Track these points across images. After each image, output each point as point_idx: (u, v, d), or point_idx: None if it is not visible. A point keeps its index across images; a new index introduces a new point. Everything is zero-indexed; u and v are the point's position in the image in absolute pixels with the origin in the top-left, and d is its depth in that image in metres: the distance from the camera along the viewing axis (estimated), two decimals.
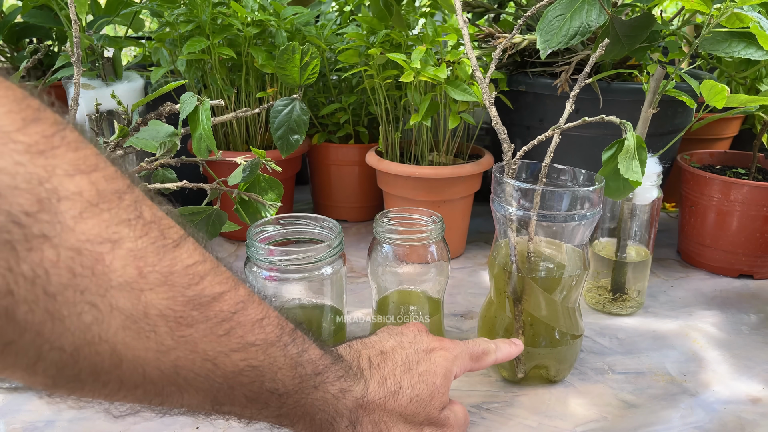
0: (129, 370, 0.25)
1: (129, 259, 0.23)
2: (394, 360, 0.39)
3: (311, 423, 0.34)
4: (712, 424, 0.48)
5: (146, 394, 0.27)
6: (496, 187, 0.50)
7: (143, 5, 0.79)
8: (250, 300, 0.29)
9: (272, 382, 0.31)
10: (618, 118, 0.47)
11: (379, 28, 0.73)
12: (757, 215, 0.69)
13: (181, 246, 0.26)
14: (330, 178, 0.89)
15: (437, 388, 0.39)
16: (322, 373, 0.34)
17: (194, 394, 0.28)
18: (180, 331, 0.26)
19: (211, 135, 0.51)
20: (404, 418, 0.37)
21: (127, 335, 0.24)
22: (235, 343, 0.28)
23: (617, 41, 0.56)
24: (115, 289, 0.23)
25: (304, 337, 0.33)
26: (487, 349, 0.44)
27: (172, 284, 0.25)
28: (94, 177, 0.23)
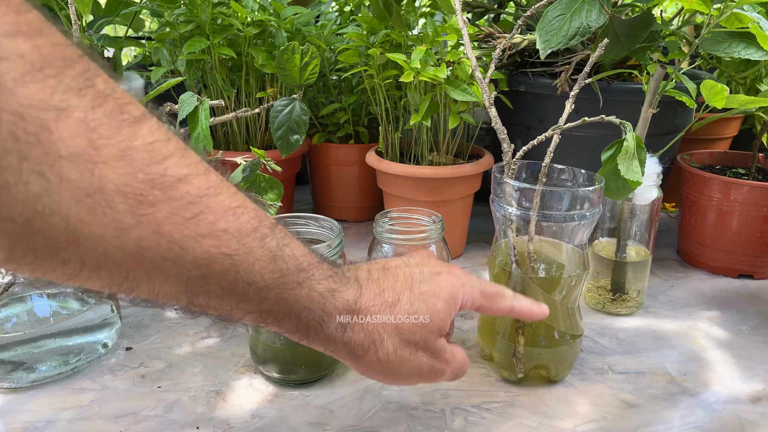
0: (88, 249, 0.24)
1: (79, 129, 0.22)
2: (396, 275, 0.37)
3: (297, 321, 0.33)
4: (712, 424, 0.48)
5: (113, 277, 0.26)
6: (496, 187, 0.50)
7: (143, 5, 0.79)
8: (222, 187, 0.28)
9: (249, 274, 0.29)
10: (618, 118, 0.47)
11: (379, 28, 0.73)
12: (757, 215, 0.69)
13: (141, 123, 0.25)
14: (330, 178, 0.89)
15: (437, 312, 0.37)
16: (307, 269, 0.32)
17: (164, 280, 0.27)
18: (140, 210, 0.24)
19: (208, 135, 0.51)
20: (399, 332, 0.36)
21: (81, 209, 0.23)
22: (205, 228, 0.27)
23: (617, 41, 0.56)
24: (65, 160, 0.22)
25: (285, 233, 0.32)
26: (502, 292, 0.41)
27: (131, 160, 0.24)
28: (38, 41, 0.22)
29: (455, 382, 0.52)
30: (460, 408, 0.49)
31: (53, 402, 0.49)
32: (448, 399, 0.50)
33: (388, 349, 0.35)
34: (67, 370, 0.52)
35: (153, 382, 0.51)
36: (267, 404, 0.49)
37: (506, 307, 0.41)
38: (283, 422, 0.47)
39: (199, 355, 0.56)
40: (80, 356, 0.52)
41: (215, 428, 0.46)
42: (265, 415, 0.48)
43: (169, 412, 0.48)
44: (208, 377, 0.52)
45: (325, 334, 0.34)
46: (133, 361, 0.54)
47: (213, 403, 0.49)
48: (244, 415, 0.47)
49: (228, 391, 0.50)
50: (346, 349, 0.35)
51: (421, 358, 0.37)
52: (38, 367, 0.50)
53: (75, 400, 0.49)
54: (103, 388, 0.50)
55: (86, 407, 0.48)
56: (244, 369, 0.54)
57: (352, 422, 0.47)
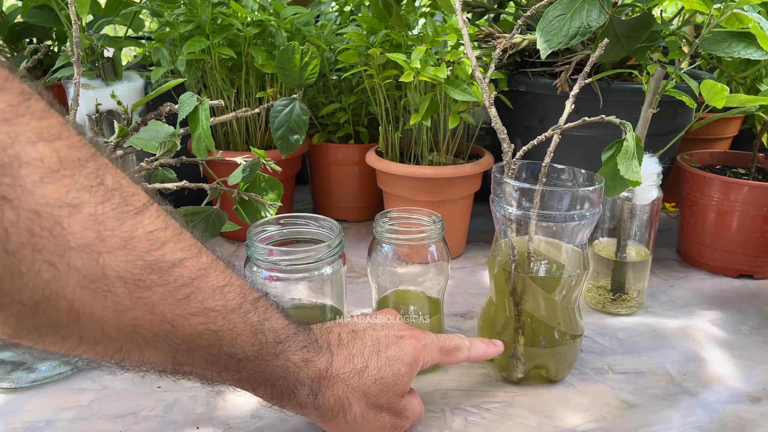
0: (88, 327, 0.26)
1: (88, 223, 0.24)
2: (364, 340, 0.40)
3: (272, 389, 0.35)
4: (712, 424, 0.48)
5: (107, 350, 0.28)
6: (495, 187, 0.50)
7: (143, 5, 0.79)
8: (212, 267, 0.30)
9: (231, 347, 0.32)
10: (618, 118, 0.47)
11: (379, 28, 0.73)
12: (757, 215, 0.69)
13: (143, 213, 0.27)
14: (330, 178, 0.89)
15: (401, 376, 0.40)
16: (284, 341, 0.35)
17: (154, 352, 0.29)
18: (138, 293, 0.27)
19: (209, 135, 0.51)
20: (367, 397, 0.38)
21: (85, 293, 0.25)
22: (194, 308, 0.29)
23: (617, 41, 0.56)
24: (74, 251, 0.24)
25: (267, 306, 0.34)
26: (458, 345, 0.45)
27: (132, 248, 0.26)
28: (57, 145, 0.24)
29: (455, 383, 0.52)
30: (460, 408, 0.49)
31: (53, 402, 0.49)
32: (448, 399, 0.50)
33: (356, 412, 0.38)
34: (67, 370, 0.52)
35: (153, 382, 0.51)
36: (267, 404, 0.49)
37: (464, 357, 0.45)
38: (283, 422, 0.47)
39: None
40: None
41: (215, 428, 0.46)
42: (265, 415, 0.48)
43: (168, 412, 0.48)
44: None
45: (297, 400, 0.37)
46: None
47: (213, 403, 0.49)
48: (243, 415, 0.47)
49: (228, 392, 0.50)
50: (316, 413, 0.38)
51: (385, 418, 0.40)
52: (38, 367, 0.50)
53: (75, 400, 0.49)
54: (103, 388, 0.50)
55: (86, 407, 0.48)
56: None
57: None
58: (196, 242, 0.30)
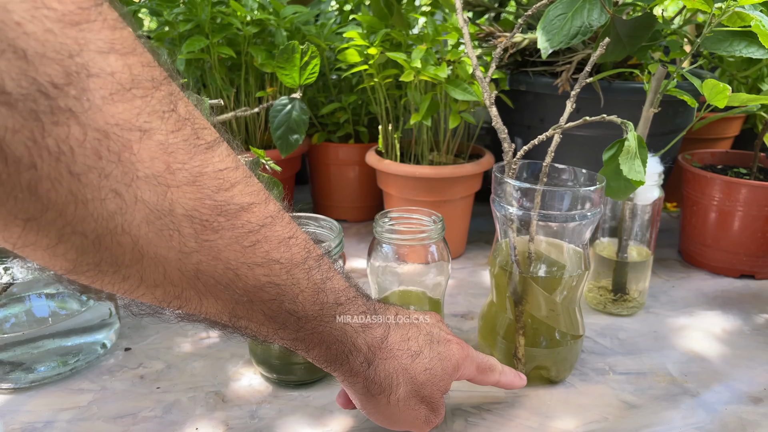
0: (150, 268, 0.25)
1: (158, 152, 0.23)
2: (419, 327, 0.39)
3: (327, 351, 0.34)
4: (714, 424, 0.47)
5: (166, 296, 0.27)
6: (496, 187, 0.50)
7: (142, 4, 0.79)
8: (279, 217, 0.29)
9: (292, 304, 0.30)
10: (619, 118, 0.47)
11: (379, 28, 0.73)
12: (758, 215, 0.69)
13: (214, 149, 0.25)
14: (330, 178, 0.89)
15: (447, 373, 0.39)
16: (344, 304, 0.33)
17: (213, 302, 0.28)
18: (204, 235, 0.25)
19: None
20: (413, 383, 0.37)
21: (150, 230, 0.23)
22: (260, 257, 0.28)
23: (618, 41, 0.56)
24: (141, 181, 0.22)
25: (330, 265, 0.33)
26: (493, 366, 0.44)
27: (201, 186, 0.24)
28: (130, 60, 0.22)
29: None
30: (461, 409, 0.49)
31: (52, 403, 0.48)
32: (449, 400, 0.50)
33: (400, 395, 0.37)
34: (66, 371, 0.51)
35: (152, 383, 0.51)
36: (266, 405, 0.49)
37: (494, 380, 0.45)
38: (283, 423, 0.47)
39: (198, 356, 0.55)
40: (79, 357, 0.52)
41: (214, 429, 0.46)
42: (264, 416, 0.47)
43: (168, 413, 0.47)
44: (208, 378, 0.52)
45: (349, 366, 0.35)
46: (132, 362, 0.54)
47: (212, 404, 0.49)
48: (243, 415, 0.47)
49: (227, 392, 0.50)
50: (363, 384, 0.36)
51: (422, 410, 0.39)
52: (37, 368, 0.50)
53: (74, 401, 0.49)
54: (101, 389, 0.50)
55: (85, 408, 0.48)
56: (244, 369, 0.53)
57: (352, 423, 0.47)
58: (264, 189, 0.29)
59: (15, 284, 0.50)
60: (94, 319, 0.54)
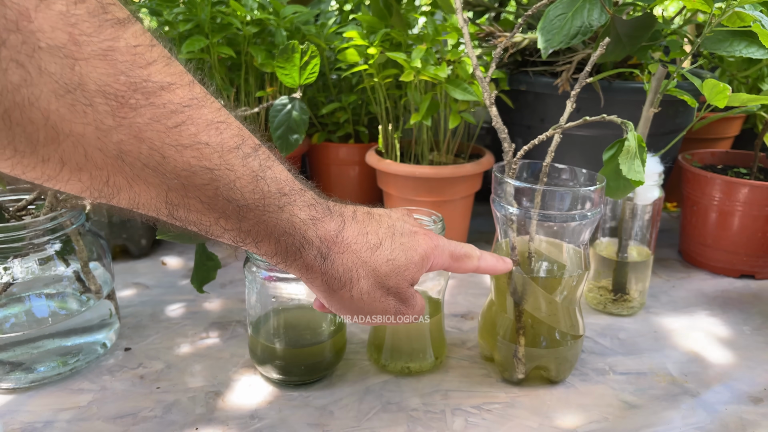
0: (69, 148, 0.24)
1: (59, 23, 0.22)
2: (380, 222, 0.39)
3: (276, 245, 0.33)
4: (714, 424, 0.47)
5: (93, 181, 0.26)
6: (496, 187, 0.50)
7: (142, 4, 0.78)
8: (206, 100, 0.28)
9: (229, 191, 0.29)
10: (619, 118, 0.47)
11: (379, 27, 0.73)
12: (758, 215, 0.69)
13: (126, 25, 0.25)
14: (330, 178, 0.89)
15: (414, 263, 0.38)
16: (289, 194, 0.33)
17: (145, 188, 0.27)
18: (122, 112, 0.24)
19: None
20: (376, 274, 0.37)
21: (61, 105, 0.23)
22: (186, 139, 0.27)
23: (618, 41, 0.56)
24: (44, 51, 0.22)
25: (268, 155, 0.32)
26: (469, 252, 0.43)
27: (113, 60, 0.24)
28: None
29: (456, 383, 0.52)
30: (461, 409, 0.49)
31: (52, 403, 0.48)
32: (449, 400, 0.50)
33: (363, 288, 0.36)
34: (66, 371, 0.51)
35: (152, 383, 0.51)
36: (266, 405, 0.49)
37: (473, 266, 0.43)
38: (283, 423, 0.46)
39: (198, 356, 0.55)
40: (79, 357, 0.52)
41: (214, 429, 0.46)
42: (264, 416, 0.47)
43: (168, 413, 0.47)
44: (208, 378, 0.52)
45: (303, 260, 0.34)
46: (132, 362, 0.54)
47: (212, 404, 0.49)
48: (243, 416, 0.47)
49: (227, 392, 0.50)
50: (322, 280, 0.35)
51: (390, 302, 0.38)
52: (37, 368, 0.50)
53: (73, 401, 0.49)
54: (101, 389, 0.50)
55: (85, 408, 0.48)
56: (244, 369, 0.53)
57: (352, 423, 0.47)
58: (187, 73, 0.28)
59: (15, 284, 0.50)
60: (94, 319, 0.54)
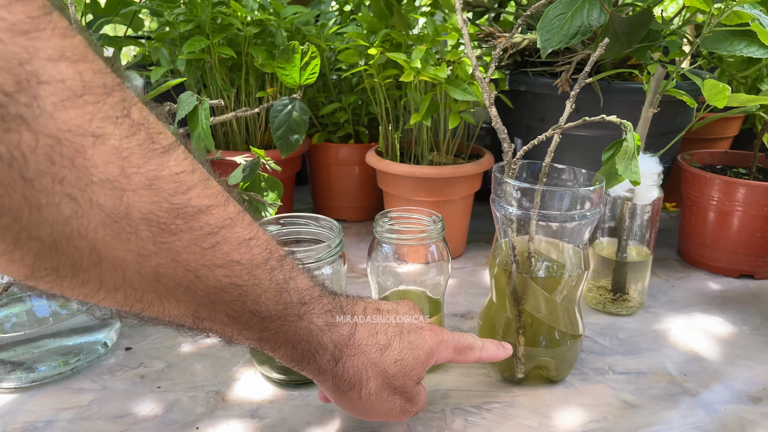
0: (109, 271, 0.25)
1: (112, 157, 0.23)
2: (388, 319, 0.39)
3: (293, 351, 0.34)
4: (713, 424, 0.47)
5: (127, 299, 0.27)
6: (496, 187, 0.50)
7: (143, 5, 0.79)
8: (239, 218, 0.29)
9: (255, 304, 0.30)
10: (618, 118, 0.47)
11: (380, 28, 0.73)
12: (757, 215, 0.69)
13: (170, 153, 0.26)
14: (330, 178, 0.89)
15: (420, 361, 0.39)
16: (308, 303, 0.34)
17: (175, 304, 0.28)
18: (162, 238, 0.25)
19: (209, 134, 0.51)
20: (384, 375, 0.38)
21: (107, 234, 0.24)
22: (220, 259, 0.28)
23: (616, 38, 0.56)
24: (96, 185, 0.23)
25: (293, 265, 0.33)
26: (472, 344, 0.44)
27: (157, 189, 0.25)
28: (81, 67, 0.22)
29: (456, 383, 0.52)
30: (461, 408, 0.49)
31: (52, 402, 0.49)
32: (449, 399, 0.50)
33: (371, 389, 0.37)
34: (67, 371, 0.52)
35: (152, 383, 0.51)
36: (267, 405, 0.49)
37: (475, 357, 0.44)
38: (283, 423, 0.47)
39: (198, 355, 0.55)
40: (80, 356, 0.52)
41: (215, 429, 0.46)
42: (264, 415, 0.47)
43: (168, 413, 0.47)
44: (208, 377, 0.52)
45: (317, 364, 0.36)
46: (133, 361, 0.54)
47: (213, 404, 0.49)
48: (243, 415, 0.47)
49: (228, 392, 0.50)
50: (332, 382, 0.37)
51: (396, 401, 0.39)
52: (38, 367, 0.50)
53: (74, 401, 0.49)
54: (102, 389, 0.50)
55: (86, 407, 0.48)
56: (244, 369, 0.54)
57: (352, 423, 0.47)
58: (223, 191, 0.29)
59: (15, 284, 0.50)
60: (95, 319, 0.54)
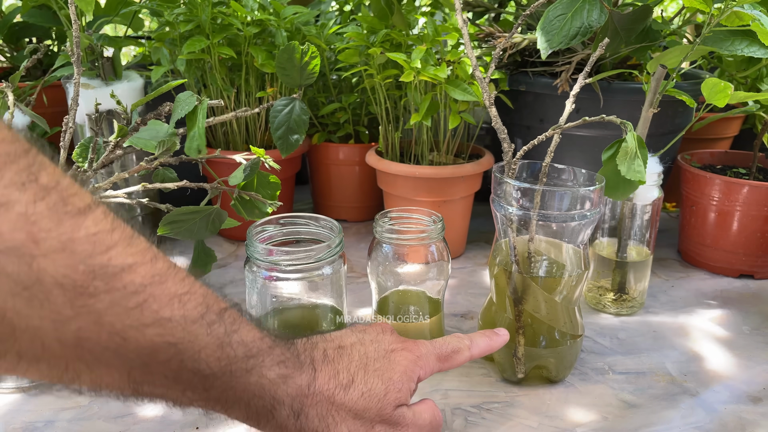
0: (26, 342, 0.24)
1: (19, 224, 0.22)
2: (351, 355, 0.37)
3: (247, 409, 0.32)
4: (713, 424, 0.47)
5: (52, 369, 0.26)
6: (496, 187, 0.50)
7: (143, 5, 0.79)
8: (169, 274, 0.28)
9: (194, 362, 0.29)
10: (618, 118, 0.47)
11: (380, 28, 0.73)
12: (757, 215, 0.69)
13: (86, 213, 0.25)
14: (330, 178, 0.89)
15: (393, 383, 0.37)
16: (257, 356, 0.32)
17: (106, 371, 0.27)
18: (80, 301, 0.24)
19: (203, 135, 0.51)
20: (354, 413, 0.35)
21: (18, 302, 0.23)
22: (148, 317, 0.26)
23: (615, 34, 0.56)
24: (3, 254, 0.22)
25: (236, 317, 0.31)
26: (457, 347, 0.42)
27: (72, 251, 0.24)
28: None
29: (455, 383, 0.52)
30: (461, 408, 0.49)
31: (53, 402, 0.48)
32: (449, 399, 0.50)
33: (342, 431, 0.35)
34: None
35: None
36: None
37: (465, 358, 0.42)
38: None
39: None
40: None
41: (215, 429, 0.46)
42: None
43: (168, 413, 0.47)
44: None
45: (276, 421, 0.33)
46: None
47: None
48: None
49: None
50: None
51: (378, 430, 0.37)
52: None
53: (75, 401, 0.49)
54: None
55: (86, 407, 0.48)
56: None
57: None
58: (152, 248, 0.28)
59: None
60: None
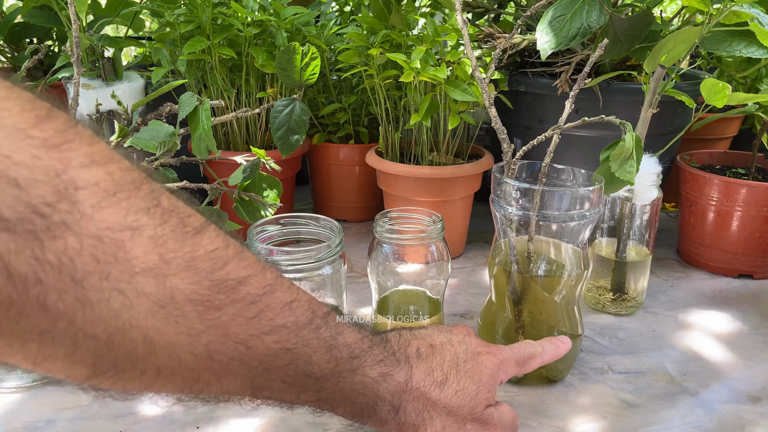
0: (164, 357, 0.26)
1: (150, 246, 0.24)
2: (442, 354, 0.39)
3: (351, 407, 0.35)
4: (712, 423, 0.48)
5: (185, 381, 0.28)
6: (495, 187, 0.50)
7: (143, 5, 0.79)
8: (277, 283, 0.30)
9: (307, 365, 0.31)
10: (617, 118, 0.47)
11: (379, 28, 0.73)
12: (756, 215, 0.69)
13: (202, 233, 0.27)
14: (330, 178, 0.89)
15: (483, 384, 0.39)
16: (360, 356, 0.34)
17: (232, 379, 0.29)
18: (208, 315, 0.26)
19: (211, 135, 0.51)
20: (448, 410, 0.38)
21: (157, 320, 0.25)
22: (266, 326, 0.29)
23: (617, 40, 0.56)
24: (140, 275, 0.24)
25: (338, 320, 0.34)
26: (532, 353, 0.44)
27: (196, 269, 0.26)
28: (110, 168, 0.24)
29: None
30: None
31: (53, 402, 0.49)
32: None
33: (437, 427, 0.37)
34: None
35: None
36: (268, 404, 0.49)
37: (538, 364, 0.44)
38: (284, 422, 0.47)
39: None
40: None
41: (215, 428, 0.46)
42: (265, 414, 0.48)
43: (169, 412, 0.48)
44: None
45: (378, 416, 0.36)
46: None
47: (213, 403, 0.49)
48: (244, 414, 0.47)
49: None
50: (396, 430, 0.37)
51: (469, 428, 0.39)
52: None
53: (75, 400, 0.49)
54: None
55: (86, 407, 0.48)
56: None
57: None
58: (259, 260, 0.30)
59: None
60: None
